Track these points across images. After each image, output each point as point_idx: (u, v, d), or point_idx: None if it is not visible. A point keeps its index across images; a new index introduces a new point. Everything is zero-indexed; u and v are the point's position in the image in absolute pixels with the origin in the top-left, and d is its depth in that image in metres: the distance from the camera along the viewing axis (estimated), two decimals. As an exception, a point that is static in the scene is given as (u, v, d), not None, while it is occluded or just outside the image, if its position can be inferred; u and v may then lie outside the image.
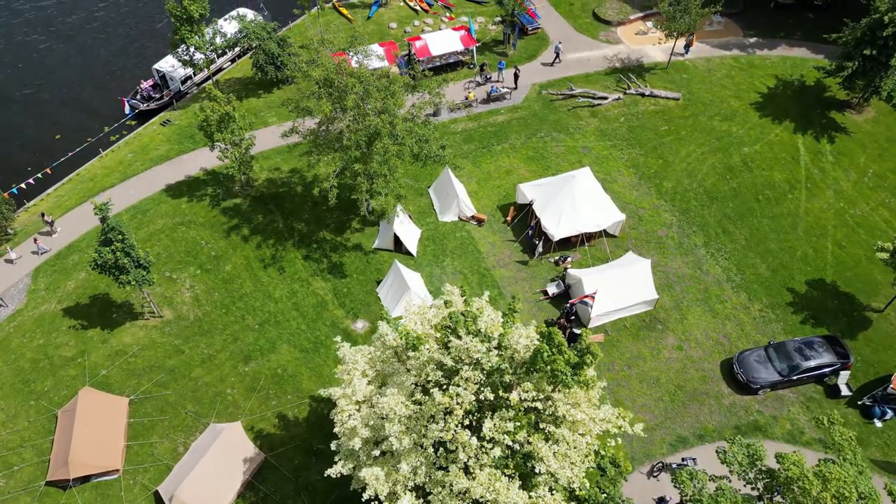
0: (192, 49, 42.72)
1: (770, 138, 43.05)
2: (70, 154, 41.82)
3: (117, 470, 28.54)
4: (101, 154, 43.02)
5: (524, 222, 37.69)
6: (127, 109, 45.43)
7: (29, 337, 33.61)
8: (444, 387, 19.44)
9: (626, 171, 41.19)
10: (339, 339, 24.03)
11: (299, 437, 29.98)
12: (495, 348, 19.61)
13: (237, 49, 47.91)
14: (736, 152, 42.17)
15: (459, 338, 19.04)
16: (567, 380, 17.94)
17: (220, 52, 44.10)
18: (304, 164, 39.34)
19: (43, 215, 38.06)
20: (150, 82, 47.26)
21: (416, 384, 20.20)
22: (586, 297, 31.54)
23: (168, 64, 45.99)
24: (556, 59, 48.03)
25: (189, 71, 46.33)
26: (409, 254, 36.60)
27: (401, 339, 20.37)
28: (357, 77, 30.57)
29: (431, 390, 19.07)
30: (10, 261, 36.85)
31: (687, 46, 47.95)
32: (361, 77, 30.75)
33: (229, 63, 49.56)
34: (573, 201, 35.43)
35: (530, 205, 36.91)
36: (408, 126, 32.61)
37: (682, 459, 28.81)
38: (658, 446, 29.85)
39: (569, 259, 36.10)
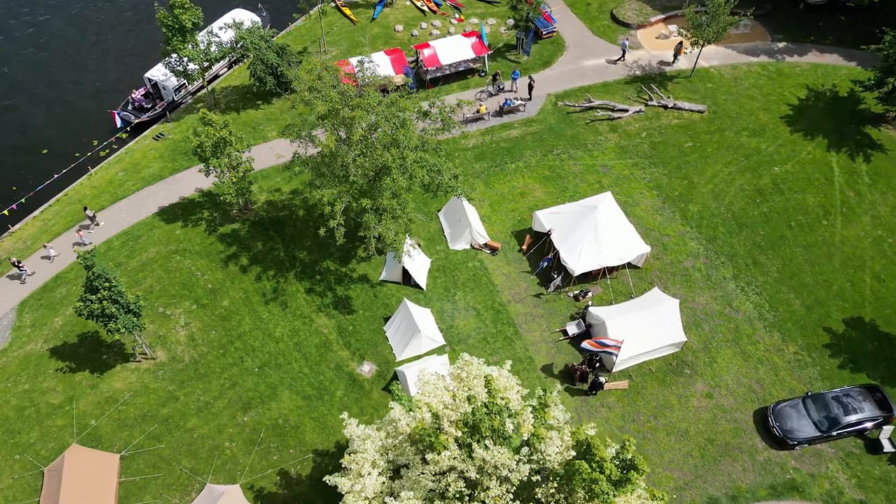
0: (185, 60, 39.97)
1: (802, 156, 40.39)
2: (56, 176, 39.26)
3: (107, 537, 26.58)
4: (90, 172, 40.49)
5: (541, 251, 35.28)
6: (118, 123, 42.78)
7: (14, 381, 31.48)
8: (467, 497, 17.29)
9: (649, 193, 38.63)
10: (345, 415, 21.84)
11: (303, 498, 27.97)
12: (526, 457, 17.38)
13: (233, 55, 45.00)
14: (766, 172, 39.55)
15: (485, 445, 16.81)
16: (609, 499, 15.77)
17: (215, 60, 41.28)
18: (306, 175, 36.57)
19: (86, 209, 36.71)
20: (142, 91, 44.50)
21: (434, 490, 18.05)
22: (612, 345, 29.22)
23: (160, 72, 43.16)
24: (622, 56, 45.39)
25: (183, 80, 43.54)
26: (417, 287, 34.28)
27: (417, 434, 18.15)
28: (364, 109, 27.93)
29: (452, 503, 16.94)
30: (47, 257, 35.55)
31: (675, 55, 45.11)
32: (369, 108, 28.11)
33: (226, 69, 46.74)
34: (595, 233, 32.99)
35: (548, 234, 34.46)
36: (418, 156, 30.06)
37: (715, 526, 26.79)
38: (688, 508, 27.84)
39: (589, 294, 33.77)
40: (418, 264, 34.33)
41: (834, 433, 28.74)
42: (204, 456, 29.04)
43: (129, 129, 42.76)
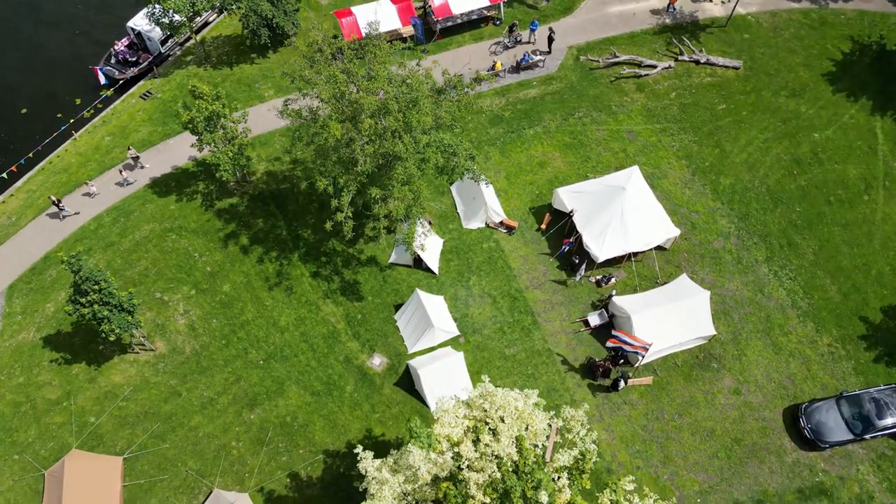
0: (169, 11, 36.14)
1: (844, 121, 37.27)
2: (39, 147, 36.29)
3: (114, 546, 25.82)
4: (73, 137, 37.51)
5: (561, 231, 32.96)
6: (102, 80, 39.37)
7: (7, 374, 29.98)
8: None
9: (678, 163, 35.84)
10: (359, 448, 20.34)
11: (315, 501, 27.03)
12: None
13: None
14: (805, 139, 36.57)
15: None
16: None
17: (202, 10, 37.37)
18: (308, 154, 33.87)
19: (129, 149, 35.37)
20: (125, 41, 40.75)
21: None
22: (640, 346, 27.44)
23: (145, 21, 39.24)
24: None
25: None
26: (429, 271, 32.20)
27: (442, 493, 16.65)
28: (374, 92, 24.85)
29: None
30: (88, 195, 34.52)
31: (670, 4, 40.92)
32: (379, 90, 25.03)
33: (215, 16, 42.71)
34: (622, 217, 30.58)
35: (570, 215, 32.04)
36: (432, 138, 27.19)
37: (741, 536, 25.93)
38: (712, 513, 26.94)
39: (613, 279, 31.75)
40: (430, 246, 32.07)
41: (867, 437, 27.49)
42: (210, 457, 27.92)
43: (113, 84, 39.35)
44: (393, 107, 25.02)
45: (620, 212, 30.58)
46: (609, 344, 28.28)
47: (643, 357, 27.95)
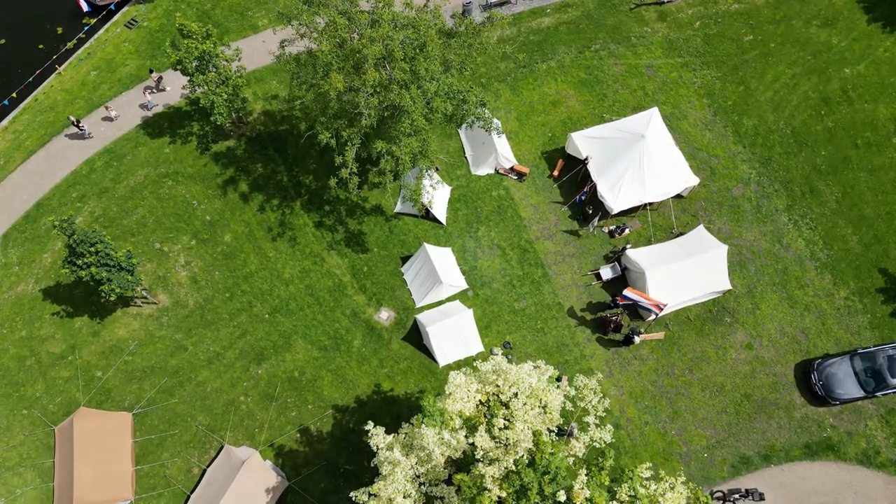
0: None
1: (878, 55, 34.86)
2: (21, 87, 34.16)
3: (129, 501, 26.20)
4: (58, 70, 35.30)
5: (574, 178, 31.55)
6: (84, 6, 36.60)
7: (9, 327, 29.56)
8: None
9: (699, 102, 33.84)
10: (370, 424, 20.05)
11: (324, 456, 27.28)
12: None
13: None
14: (835, 75, 34.35)
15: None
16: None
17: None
18: (309, 97, 31.95)
19: (151, 72, 33.81)
20: (105, -40, 37.62)
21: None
22: (654, 304, 26.77)
23: (124, -60, 36.11)
24: None
25: (152, -48, 36.58)
26: (436, 221, 31.08)
27: (456, 484, 16.39)
28: (378, 41, 22.71)
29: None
30: (109, 118, 33.54)
31: None
32: (383, 38, 22.89)
33: (202, -69, 39.13)
34: (640, 166, 29.10)
35: (584, 162, 30.52)
36: (440, 85, 25.29)
37: (746, 491, 26.24)
38: (718, 468, 27.21)
39: (627, 230, 30.68)
40: (437, 195, 30.73)
41: (879, 394, 27.36)
42: (219, 411, 27.95)
43: (96, 15, 36.63)
44: (398, 54, 23.02)
45: (638, 161, 29.09)
46: (626, 293, 27.37)
47: (657, 315, 27.36)
